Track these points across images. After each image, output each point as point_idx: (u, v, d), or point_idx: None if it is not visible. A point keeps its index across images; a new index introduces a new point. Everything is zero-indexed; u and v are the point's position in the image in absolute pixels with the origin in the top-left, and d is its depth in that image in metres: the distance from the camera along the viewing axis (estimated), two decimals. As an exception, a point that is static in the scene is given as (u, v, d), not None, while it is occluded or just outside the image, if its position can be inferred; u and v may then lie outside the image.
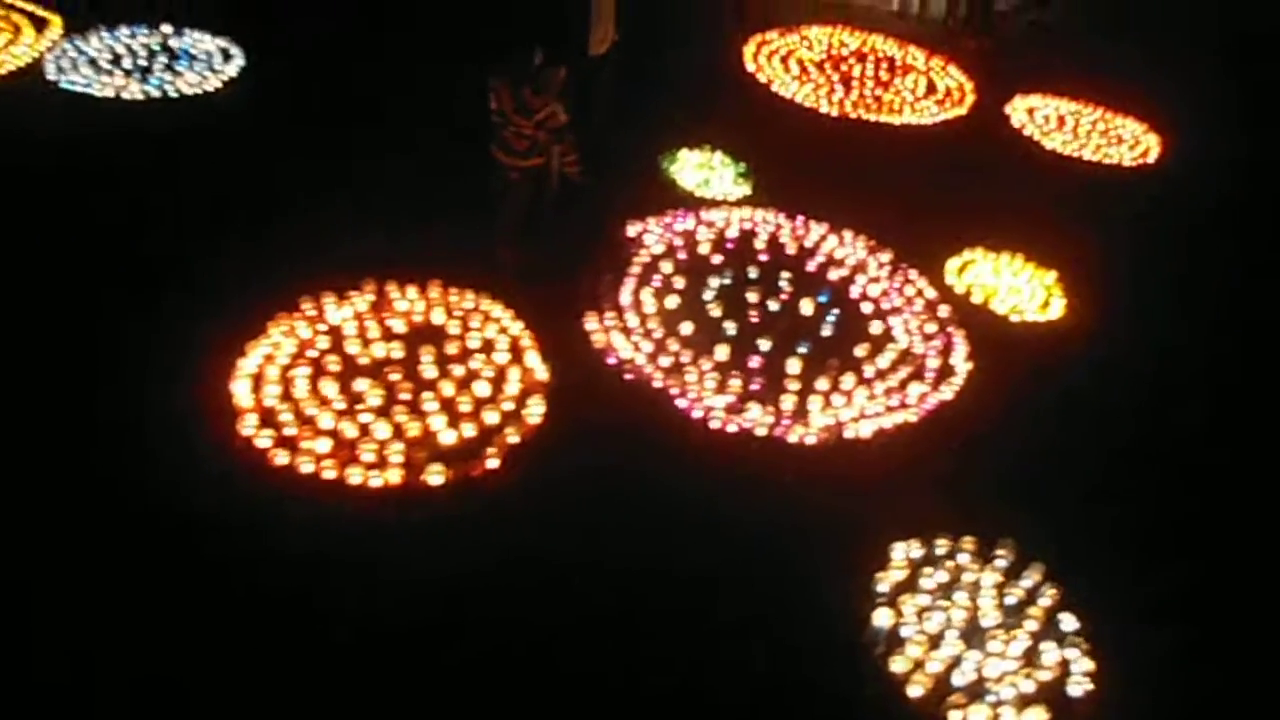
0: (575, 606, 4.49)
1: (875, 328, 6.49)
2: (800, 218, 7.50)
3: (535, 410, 5.44)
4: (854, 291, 6.83)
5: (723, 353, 6.01)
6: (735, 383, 5.80)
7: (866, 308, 6.71)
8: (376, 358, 5.64)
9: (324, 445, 5.03)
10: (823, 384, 5.89)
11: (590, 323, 6.10)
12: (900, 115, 9.61)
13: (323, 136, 7.56)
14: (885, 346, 6.31)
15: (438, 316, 5.97)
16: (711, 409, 5.61)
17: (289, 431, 5.09)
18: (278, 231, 6.43)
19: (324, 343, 5.66)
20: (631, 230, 7.04)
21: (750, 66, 10.03)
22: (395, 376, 5.48)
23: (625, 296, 6.40)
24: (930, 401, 5.96)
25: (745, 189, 7.89)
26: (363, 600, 4.35)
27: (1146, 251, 7.89)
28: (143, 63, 8.28)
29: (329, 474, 4.90)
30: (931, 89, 10.30)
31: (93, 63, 8.16)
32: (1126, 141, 9.86)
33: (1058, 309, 7.06)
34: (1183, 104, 10.26)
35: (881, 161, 8.66)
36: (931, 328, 6.60)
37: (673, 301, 6.44)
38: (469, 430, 5.24)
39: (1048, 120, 10.01)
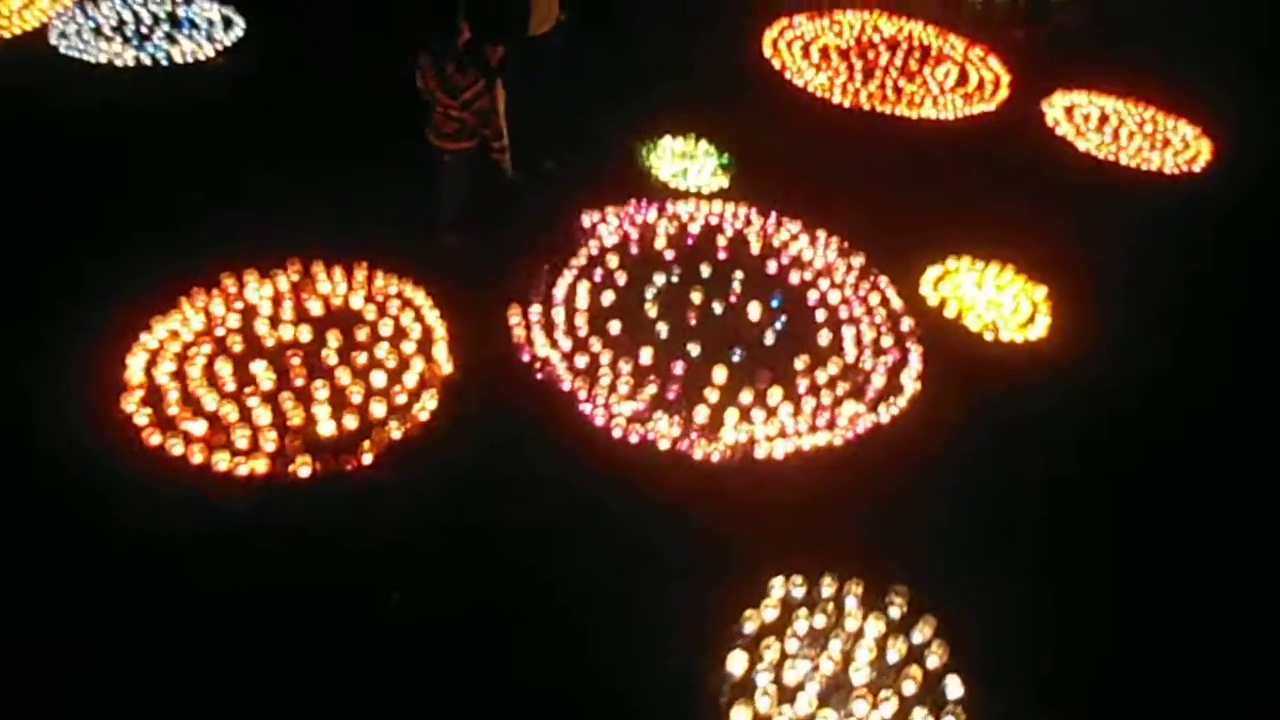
0: (416, 604, 4.28)
1: (824, 338, 5.96)
2: (773, 215, 6.98)
3: (428, 405, 5.16)
4: (810, 297, 6.30)
5: (646, 356, 5.61)
6: (651, 389, 5.39)
7: (821, 315, 6.17)
8: (284, 340, 5.45)
9: (200, 427, 4.86)
10: (746, 397, 5.42)
11: (514, 316, 5.77)
12: (920, 109, 8.89)
13: (297, 113, 7.44)
14: (828, 360, 5.78)
15: (356, 301, 5.75)
16: (615, 416, 5.22)
17: (172, 411, 4.95)
18: (218, 206, 6.30)
19: (235, 321, 5.49)
20: (587, 220, 6.66)
21: (769, 52, 9.45)
22: (295, 361, 5.27)
23: (559, 290, 6.04)
24: (862, 424, 5.42)
25: (724, 181, 7.40)
26: (219, 585, 4.21)
27: (1159, 274, 7.09)
28: (145, 29, 8.32)
29: (198, 458, 4.74)
30: (964, 81, 9.53)
31: (97, 29, 8.23)
32: (1174, 145, 8.92)
33: (1040, 328, 6.36)
34: (1242, 109, 9.24)
35: (885, 158, 8.03)
36: (888, 341, 6.02)
37: (608, 298, 6.05)
38: (351, 422, 4.99)
39: (1087, 120, 9.14)
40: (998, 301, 6.51)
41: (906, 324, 6.18)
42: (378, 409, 5.08)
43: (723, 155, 7.67)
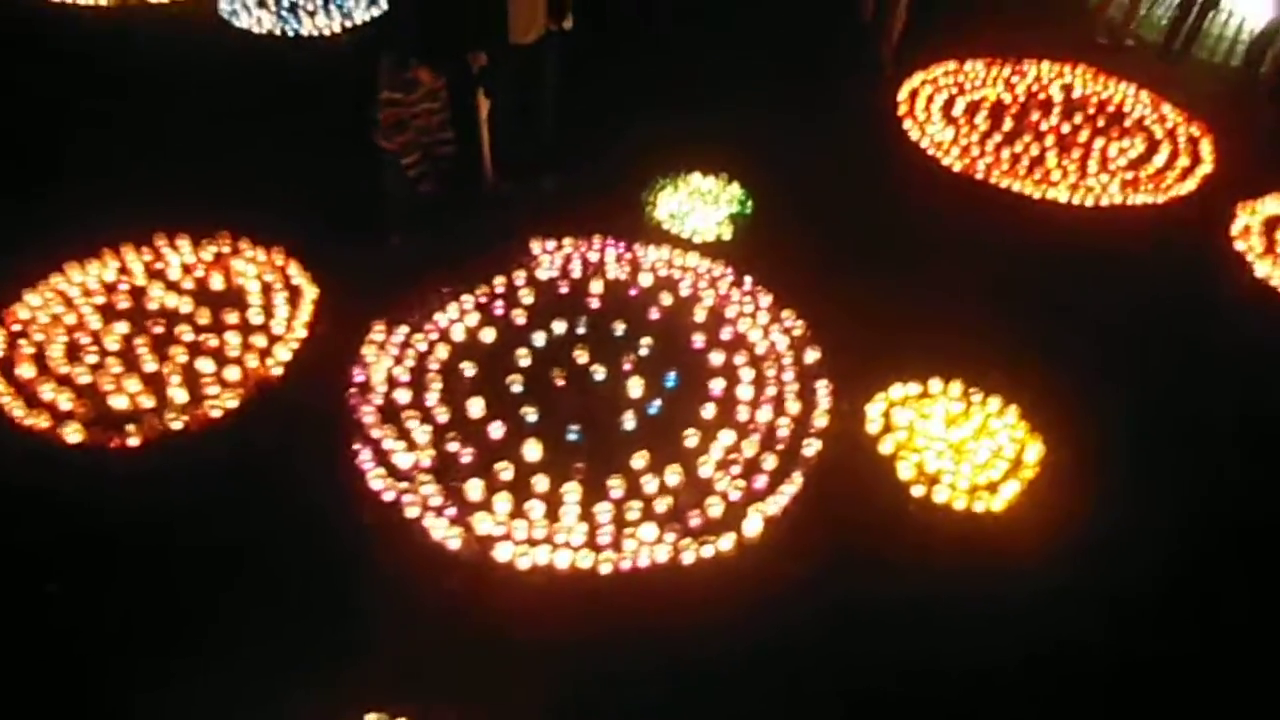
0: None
1: (691, 441, 4.84)
2: (749, 282, 5.84)
3: (227, 402, 4.90)
4: (715, 387, 5.16)
5: (476, 408, 4.91)
6: (452, 446, 4.71)
7: (709, 412, 5.03)
8: (149, 313, 5.40)
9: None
10: (541, 484, 4.54)
11: (377, 333, 5.32)
12: (1052, 188, 7.02)
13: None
14: (672, 467, 4.68)
15: (253, 285, 5.62)
16: (382, 464, 4.61)
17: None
18: (194, 172, 6.33)
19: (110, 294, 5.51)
20: (536, 247, 6.01)
21: (904, 98, 7.96)
22: (141, 338, 5.21)
23: (443, 318, 5.49)
24: (651, 554, 4.31)
25: (725, 233, 6.33)
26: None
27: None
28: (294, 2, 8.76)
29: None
30: (1148, 161, 7.41)
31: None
32: None
33: (1004, 497, 4.69)
34: None
35: (964, 243, 6.40)
36: (770, 464, 4.75)
37: (487, 336, 5.40)
38: (147, 402, 4.87)
39: (1295, 241, 6.69)
40: (963, 450, 4.90)
41: (811, 449, 4.83)
42: (177, 394, 4.91)
43: (744, 204, 6.57)
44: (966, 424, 5.03)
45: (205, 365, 5.05)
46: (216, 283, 5.62)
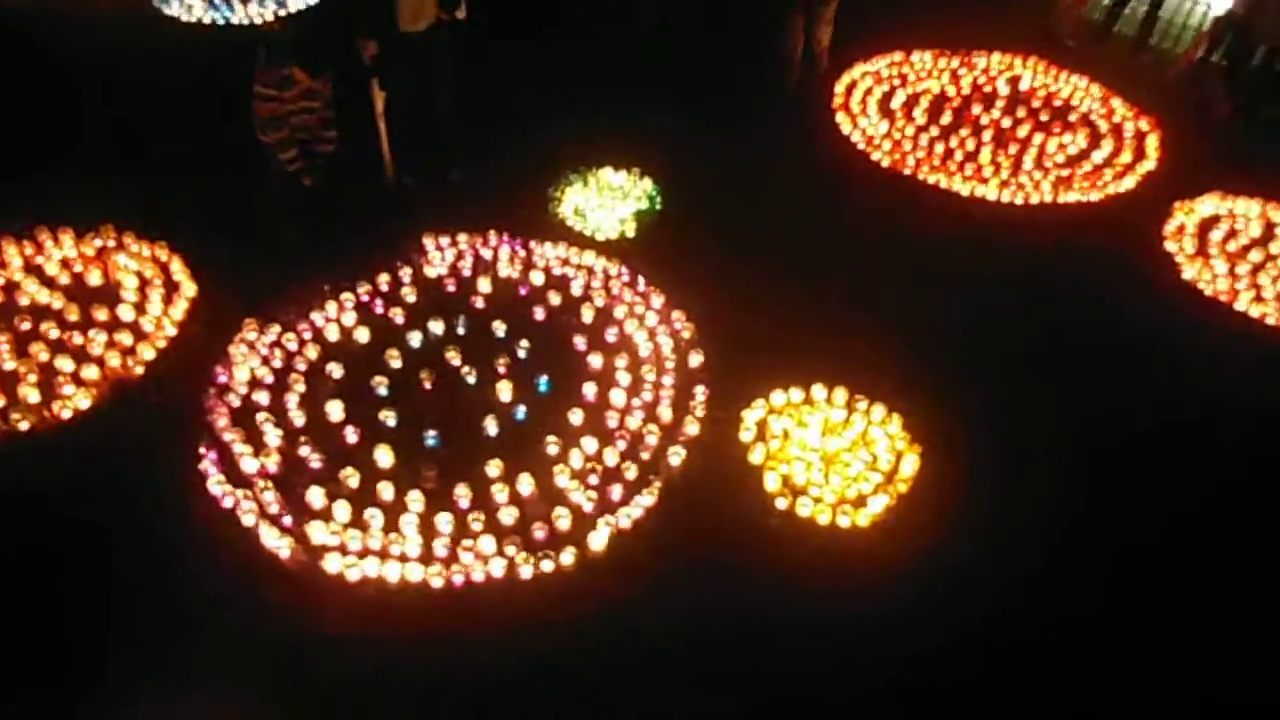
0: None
1: (551, 449, 4.63)
2: (642, 283, 5.62)
3: (79, 402, 4.76)
4: (589, 391, 4.95)
5: (336, 411, 4.74)
6: (305, 451, 4.53)
7: (577, 418, 4.81)
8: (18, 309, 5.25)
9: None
10: (386, 493, 4.36)
11: (249, 332, 5.15)
12: (982, 184, 6.71)
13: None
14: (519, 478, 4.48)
15: (129, 281, 5.46)
16: (222, 468, 4.44)
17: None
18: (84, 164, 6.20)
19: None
20: (430, 243, 5.80)
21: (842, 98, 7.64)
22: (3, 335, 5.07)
23: (320, 316, 5.31)
24: (483, 570, 4.12)
25: (629, 230, 6.10)
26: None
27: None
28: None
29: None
30: (1086, 157, 7.09)
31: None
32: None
33: (872, 510, 4.44)
34: None
35: (871, 246, 6.13)
36: (632, 473, 4.53)
37: (362, 336, 5.22)
38: (-3, 400, 4.73)
39: (1230, 241, 6.35)
40: (836, 461, 4.66)
41: (676, 458, 4.61)
42: (30, 394, 4.76)
43: (653, 200, 6.33)
44: (846, 434, 4.78)
45: (64, 364, 4.90)
46: (94, 278, 5.46)
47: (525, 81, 7.23)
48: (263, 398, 4.82)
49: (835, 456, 4.67)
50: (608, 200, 6.29)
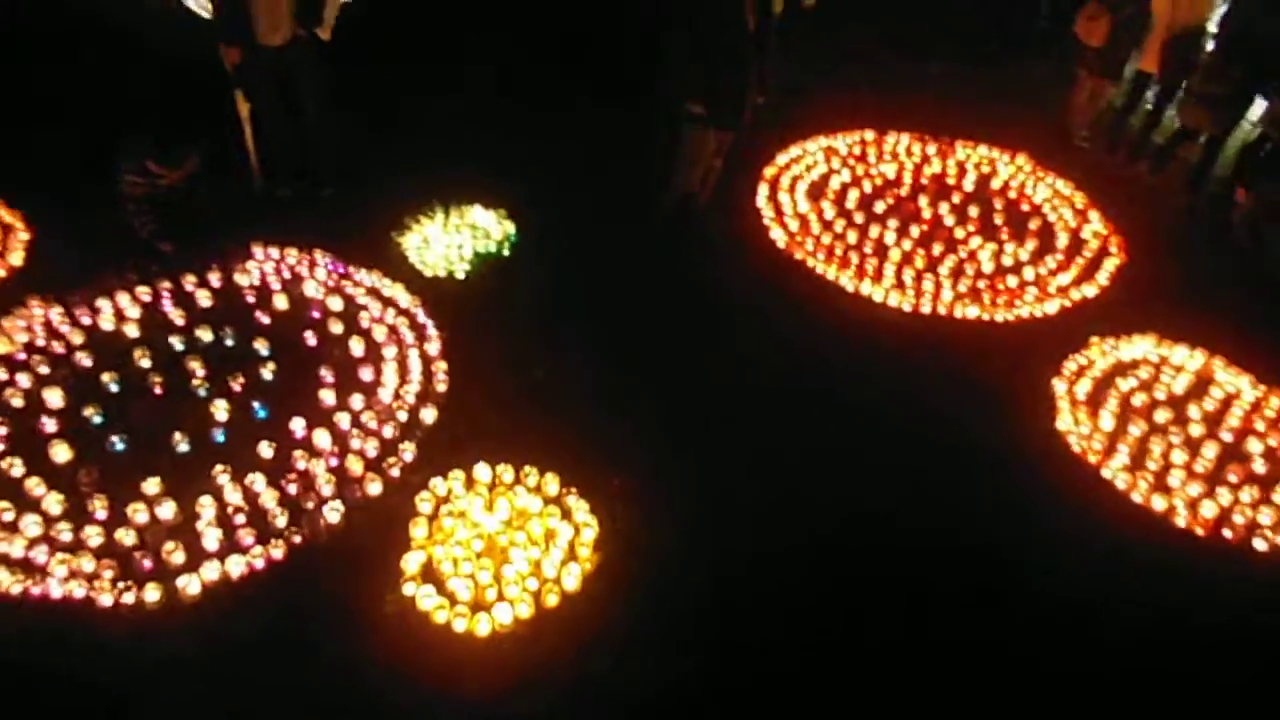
0: None
1: (221, 479, 4.33)
2: (430, 328, 5.26)
3: None
4: (295, 428, 4.62)
5: (54, 398, 4.66)
6: (-3, 432, 4.47)
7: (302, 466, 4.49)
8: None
9: None
10: (38, 489, 4.21)
11: (34, 307, 5.17)
12: (867, 282, 5.90)
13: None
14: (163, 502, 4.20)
15: None
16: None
17: None
18: None
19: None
20: (259, 252, 5.68)
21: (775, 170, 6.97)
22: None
23: (104, 304, 5.26)
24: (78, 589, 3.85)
25: (458, 270, 5.75)
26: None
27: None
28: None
29: None
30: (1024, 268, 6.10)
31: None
32: None
33: (498, 617, 3.85)
34: None
35: (706, 332, 5.48)
36: (282, 521, 4.16)
37: (108, 324, 5.13)
38: None
39: (1141, 390, 5.21)
40: (500, 553, 4.09)
41: (335, 514, 4.19)
42: None
43: (501, 245, 5.95)
44: (530, 526, 4.19)
45: None
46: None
47: (433, 105, 7.02)
48: None
49: (502, 550, 4.09)
50: (457, 237, 5.96)
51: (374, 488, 4.34)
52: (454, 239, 5.94)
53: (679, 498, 4.36)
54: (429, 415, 4.71)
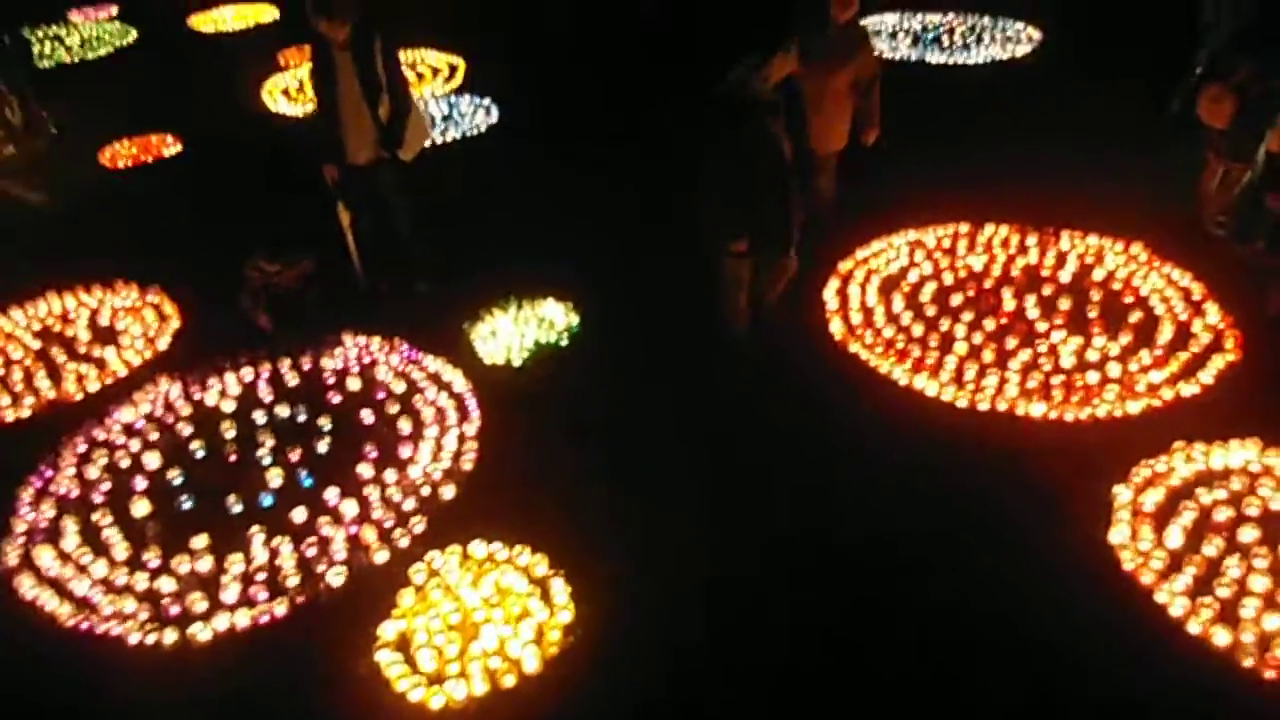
0: None
1: (255, 537, 4.77)
2: (473, 409, 5.57)
3: (21, 414, 5.95)
4: (328, 498, 4.99)
5: (152, 461, 5.37)
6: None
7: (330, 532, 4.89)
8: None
9: None
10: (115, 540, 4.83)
11: (161, 383, 6.01)
12: (923, 375, 5.57)
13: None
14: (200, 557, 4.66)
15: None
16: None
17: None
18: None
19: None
20: (349, 340, 6.31)
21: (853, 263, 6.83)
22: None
23: (213, 380, 6.03)
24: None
25: (516, 360, 6.06)
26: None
27: None
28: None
29: None
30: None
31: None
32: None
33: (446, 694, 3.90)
34: None
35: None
36: (293, 581, 4.49)
37: (212, 398, 5.83)
38: None
39: (1222, 507, 4.49)
40: (472, 629, 4.17)
41: (338, 578, 4.47)
42: (2, 400, 6.07)
43: (561, 336, 6.21)
44: (510, 604, 4.25)
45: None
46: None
47: (526, 202, 7.54)
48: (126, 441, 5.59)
49: (475, 625, 4.16)
50: (524, 328, 6.29)
51: (380, 556, 4.58)
52: (520, 329, 6.26)
53: (680, 587, 4.24)
54: (448, 492, 4.93)
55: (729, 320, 5.67)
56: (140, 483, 5.18)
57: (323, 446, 5.37)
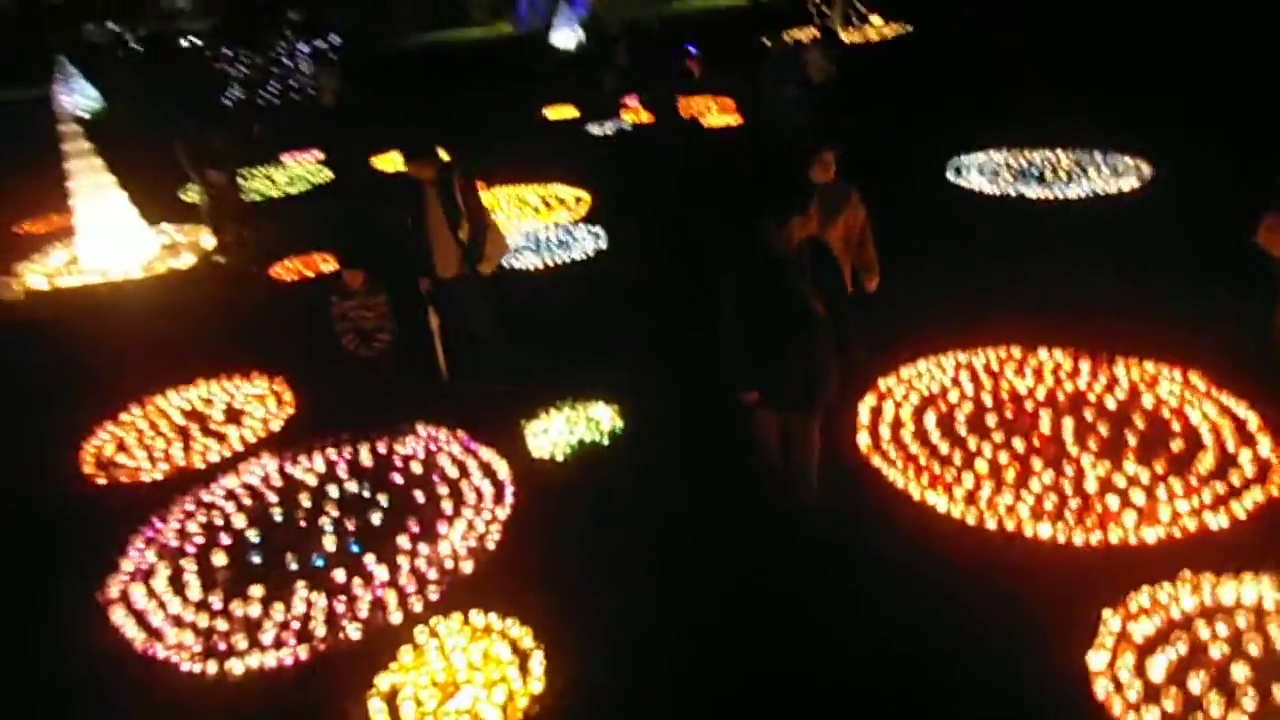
0: None
1: (300, 593, 5.41)
2: (509, 497, 6.10)
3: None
4: (367, 561, 5.60)
5: (241, 522, 6.22)
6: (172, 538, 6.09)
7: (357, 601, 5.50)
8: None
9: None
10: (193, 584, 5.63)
11: (265, 459, 6.96)
12: (937, 491, 5.60)
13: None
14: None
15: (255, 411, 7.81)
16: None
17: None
18: None
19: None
20: (422, 429, 7.09)
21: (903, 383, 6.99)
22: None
23: (304, 459, 6.90)
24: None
25: (558, 454, 6.59)
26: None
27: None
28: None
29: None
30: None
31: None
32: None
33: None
34: None
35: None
36: (320, 632, 5.07)
37: (299, 473, 6.66)
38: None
39: (1241, 636, 4.26)
40: (451, 689, 4.54)
41: (356, 632, 5.01)
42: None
43: (603, 434, 6.70)
44: (490, 671, 4.61)
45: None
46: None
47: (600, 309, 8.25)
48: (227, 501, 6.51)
49: (455, 685, 4.54)
50: (575, 427, 6.83)
51: (396, 617, 5.08)
52: (570, 427, 6.79)
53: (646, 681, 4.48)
54: (468, 566, 5.41)
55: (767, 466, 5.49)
56: (224, 538, 6.00)
57: (376, 519, 6.00)
